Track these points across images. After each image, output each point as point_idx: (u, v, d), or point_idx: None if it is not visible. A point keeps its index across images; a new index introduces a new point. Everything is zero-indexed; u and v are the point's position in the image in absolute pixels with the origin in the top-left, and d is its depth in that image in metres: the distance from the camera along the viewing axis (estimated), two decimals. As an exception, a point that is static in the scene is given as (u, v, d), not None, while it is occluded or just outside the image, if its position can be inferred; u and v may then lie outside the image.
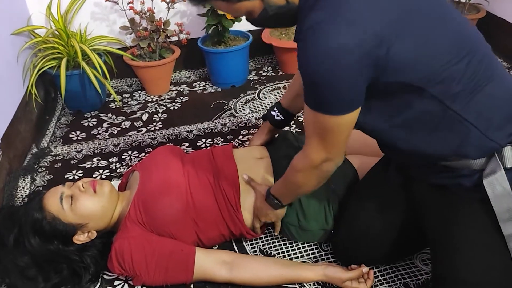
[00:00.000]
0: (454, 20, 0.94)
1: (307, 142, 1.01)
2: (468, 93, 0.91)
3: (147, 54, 2.18)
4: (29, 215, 1.19)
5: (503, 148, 0.93)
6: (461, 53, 0.90)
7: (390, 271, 1.26)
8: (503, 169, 0.93)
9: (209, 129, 1.98)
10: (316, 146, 0.98)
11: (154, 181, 1.27)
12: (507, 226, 0.95)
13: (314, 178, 1.08)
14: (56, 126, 2.08)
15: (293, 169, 1.09)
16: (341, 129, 0.94)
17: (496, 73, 0.95)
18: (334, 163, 1.02)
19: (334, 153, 0.99)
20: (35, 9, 2.13)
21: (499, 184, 0.93)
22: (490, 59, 0.95)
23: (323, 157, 0.99)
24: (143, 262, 1.17)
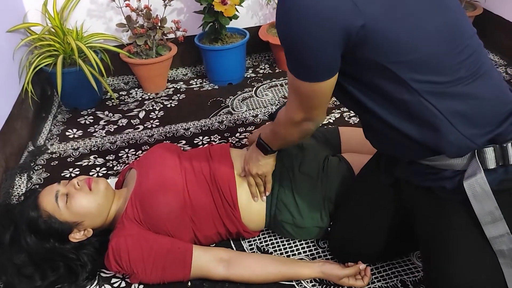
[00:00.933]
0: (450, 10, 0.93)
1: (288, 100, 1.04)
2: (448, 87, 0.90)
3: (144, 51, 2.17)
4: (25, 213, 1.19)
5: (484, 149, 0.93)
6: (449, 46, 0.89)
7: (387, 268, 1.26)
8: (483, 171, 0.92)
9: (206, 127, 1.97)
10: (296, 107, 1.02)
11: (151, 179, 1.27)
12: (490, 229, 0.94)
13: (295, 133, 1.12)
14: (53, 124, 2.07)
15: (277, 122, 1.14)
16: (318, 95, 0.96)
17: (482, 72, 0.93)
18: (314, 122, 1.06)
19: (313, 114, 1.02)
20: (31, 6, 2.12)
21: (479, 187, 0.92)
22: (479, 56, 0.94)
23: (303, 117, 1.03)
24: (140, 259, 1.17)
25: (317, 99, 0.97)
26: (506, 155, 0.93)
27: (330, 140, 1.48)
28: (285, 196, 1.29)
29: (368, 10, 0.83)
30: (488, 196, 0.92)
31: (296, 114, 1.03)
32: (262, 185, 1.29)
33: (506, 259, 0.94)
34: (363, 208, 1.21)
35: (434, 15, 0.90)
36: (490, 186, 0.92)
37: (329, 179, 1.30)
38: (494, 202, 0.92)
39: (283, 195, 1.29)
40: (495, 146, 0.93)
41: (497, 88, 0.96)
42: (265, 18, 2.48)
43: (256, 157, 1.26)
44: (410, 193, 1.10)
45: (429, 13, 0.89)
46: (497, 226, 0.93)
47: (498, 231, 0.94)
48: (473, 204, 0.94)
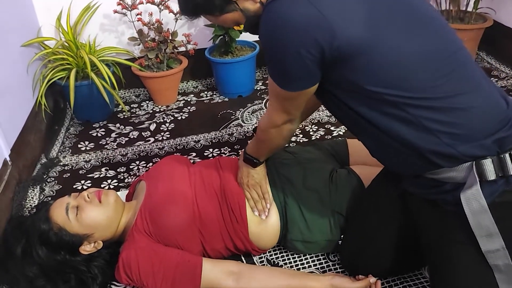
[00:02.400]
0: (432, 28, 0.94)
1: (269, 103, 1.09)
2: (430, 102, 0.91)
3: (155, 64, 2.20)
4: (36, 226, 1.20)
5: (482, 161, 0.92)
6: (431, 65, 0.90)
7: (398, 282, 1.25)
8: (478, 184, 0.91)
9: (216, 139, 1.98)
10: (277, 109, 1.06)
11: (161, 191, 1.28)
12: (485, 242, 0.93)
13: (279, 136, 1.16)
14: (65, 136, 2.10)
15: (259, 129, 1.18)
16: (295, 100, 1.01)
17: (472, 88, 0.93)
18: (295, 122, 1.12)
19: (292, 114, 1.07)
20: (45, 21, 2.17)
21: (474, 199, 0.91)
22: (465, 70, 0.94)
23: (284, 119, 1.08)
24: (150, 272, 1.17)
25: (293, 103, 1.02)
26: (505, 166, 0.92)
27: (338, 153, 1.47)
28: (291, 213, 1.28)
29: (344, 33, 0.86)
30: (484, 209, 0.91)
31: (277, 117, 1.07)
32: (260, 200, 1.29)
33: (502, 274, 0.93)
34: (373, 221, 1.20)
35: (415, 36, 0.92)
36: (491, 197, 0.91)
37: (338, 191, 1.30)
38: (489, 215, 0.91)
39: (290, 213, 1.29)
40: (493, 157, 0.92)
41: (487, 99, 0.95)
42: (275, 31, 2.49)
43: (246, 171, 1.29)
44: (416, 205, 1.09)
45: (410, 35, 0.91)
46: (493, 240, 0.92)
47: (493, 245, 0.92)
48: (468, 217, 0.92)
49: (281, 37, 0.88)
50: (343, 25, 0.86)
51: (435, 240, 1.03)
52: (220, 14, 0.99)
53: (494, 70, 2.44)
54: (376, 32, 0.88)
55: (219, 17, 1.01)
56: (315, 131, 1.97)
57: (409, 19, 0.92)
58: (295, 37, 0.87)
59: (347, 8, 0.87)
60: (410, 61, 0.90)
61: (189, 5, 1.01)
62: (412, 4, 0.95)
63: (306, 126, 2.01)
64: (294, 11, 0.86)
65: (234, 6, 0.98)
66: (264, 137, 1.18)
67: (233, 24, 1.04)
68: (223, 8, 0.98)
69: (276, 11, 0.88)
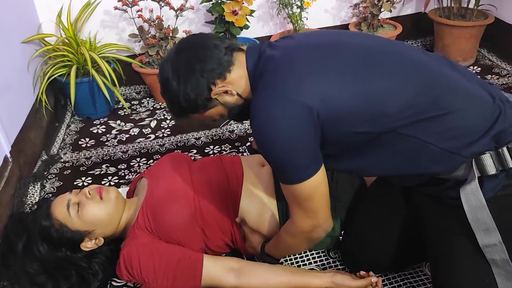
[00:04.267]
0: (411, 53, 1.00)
1: (291, 211, 1.07)
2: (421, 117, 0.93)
3: (156, 61, 2.20)
4: (37, 222, 1.20)
5: (481, 156, 0.94)
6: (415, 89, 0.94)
7: (398, 279, 1.25)
8: (476, 180, 0.93)
9: (217, 136, 1.98)
10: (300, 215, 1.05)
11: (162, 188, 1.28)
12: (482, 237, 0.95)
13: (304, 242, 1.14)
14: (66, 133, 2.10)
15: (285, 232, 1.15)
16: (314, 193, 1.00)
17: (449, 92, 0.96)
18: (322, 229, 1.08)
19: (319, 218, 1.04)
20: (45, 18, 2.16)
21: (473, 195, 0.94)
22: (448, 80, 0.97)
23: (310, 224, 1.05)
24: (151, 269, 1.17)
25: (315, 199, 1.01)
26: (504, 159, 0.94)
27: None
28: None
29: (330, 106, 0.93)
30: (481, 204, 0.93)
31: (302, 223, 1.05)
32: None
33: (499, 268, 0.95)
34: (376, 217, 1.21)
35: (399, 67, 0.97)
36: (493, 191, 0.94)
37: (339, 187, 1.30)
38: (487, 210, 0.93)
39: None
40: (491, 152, 0.94)
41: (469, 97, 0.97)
42: (275, 28, 2.50)
43: None
44: (420, 200, 1.11)
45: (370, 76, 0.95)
46: (490, 235, 0.94)
47: (490, 240, 0.94)
48: (466, 211, 0.95)
49: (281, 142, 0.94)
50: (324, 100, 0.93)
51: (437, 234, 1.05)
52: (204, 111, 1.06)
53: (495, 67, 2.43)
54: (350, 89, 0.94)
55: (204, 113, 1.07)
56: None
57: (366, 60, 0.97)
58: (294, 136, 0.93)
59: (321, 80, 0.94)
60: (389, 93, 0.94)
61: (176, 110, 1.08)
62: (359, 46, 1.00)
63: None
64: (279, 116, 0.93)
65: (215, 102, 1.04)
66: (287, 240, 1.15)
67: (218, 116, 1.10)
68: (206, 106, 1.05)
69: (266, 121, 0.94)
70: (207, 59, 1.00)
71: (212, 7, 2.13)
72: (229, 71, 1.02)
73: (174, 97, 1.04)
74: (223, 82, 1.02)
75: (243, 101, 1.05)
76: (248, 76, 1.03)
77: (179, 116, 1.11)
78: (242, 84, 1.04)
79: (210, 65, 1.00)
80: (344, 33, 1.11)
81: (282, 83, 0.95)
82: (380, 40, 1.08)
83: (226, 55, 1.02)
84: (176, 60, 1.03)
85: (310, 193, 1.00)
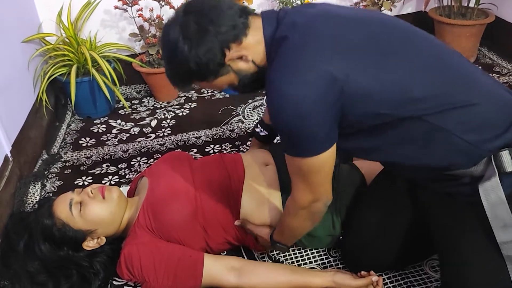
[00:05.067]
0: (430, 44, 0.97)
1: (293, 186, 1.03)
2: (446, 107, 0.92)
3: (156, 60, 2.19)
4: (39, 221, 1.20)
5: (500, 153, 0.93)
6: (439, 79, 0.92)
7: (399, 278, 1.25)
8: (497, 175, 0.92)
9: (218, 135, 1.98)
10: (302, 189, 1.01)
11: (163, 187, 1.28)
12: (500, 233, 0.94)
13: (306, 220, 1.10)
14: (66, 133, 2.10)
15: (285, 213, 1.13)
16: (320, 168, 0.97)
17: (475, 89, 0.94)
18: (323, 202, 1.05)
19: (320, 193, 1.02)
20: (45, 17, 2.16)
21: (493, 191, 0.93)
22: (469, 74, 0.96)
23: (310, 199, 1.02)
24: (151, 268, 1.17)
25: (320, 174, 0.98)
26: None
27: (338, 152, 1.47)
28: None
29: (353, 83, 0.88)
30: (501, 200, 0.92)
31: (303, 197, 1.02)
32: None
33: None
34: (378, 216, 1.20)
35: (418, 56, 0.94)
36: (510, 188, 0.92)
37: (340, 186, 1.30)
38: (506, 207, 0.92)
39: None
40: (510, 149, 0.93)
41: (496, 94, 0.96)
42: (276, 27, 2.49)
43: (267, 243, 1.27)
44: (428, 198, 1.10)
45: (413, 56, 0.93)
46: (508, 231, 0.93)
47: (508, 236, 0.94)
48: (485, 208, 0.94)
49: (298, 113, 0.88)
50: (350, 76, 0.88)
51: (447, 231, 1.04)
52: (214, 78, 0.98)
53: (496, 66, 2.43)
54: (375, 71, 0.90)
55: (213, 82, 1.00)
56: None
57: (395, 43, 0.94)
58: (313, 109, 0.88)
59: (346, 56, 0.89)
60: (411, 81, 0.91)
61: (181, 77, 1.01)
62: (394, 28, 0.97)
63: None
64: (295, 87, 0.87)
65: (227, 69, 0.97)
66: (291, 221, 1.12)
67: (227, 86, 1.02)
68: (217, 72, 0.97)
69: (285, 89, 0.88)
70: (220, 20, 0.92)
71: (213, 6, 2.12)
72: (245, 35, 0.94)
73: (183, 62, 0.95)
74: (239, 47, 0.95)
75: (257, 69, 0.98)
76: (265, 42, 0.96)
77: (182, 84, 1.03)
78: (258, 50, 0.96)
79: (225, 27, 0.92)
80: (365, 11, 1.07)
81: (306, 51, 0.89)
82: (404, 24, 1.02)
83: (242, 17, 0.94)
84: (185, 21, 0.93)
85: (319, 167, 0.96)
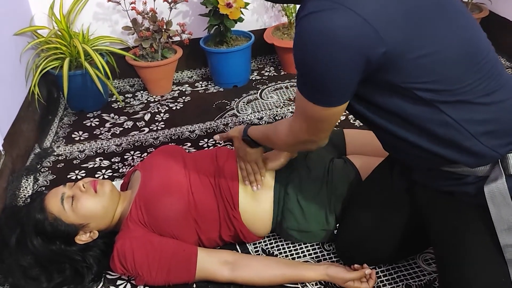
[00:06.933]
0: (467, 28, 0.92)
1: (294, 119, 1.01)
2: (468, 100, 0.90)
3: (149, 54, 2.18)
4: (31, 216, 1.20)
5: (507, 155, 0.92)
6: (468, 64, 0.89)
7: (392, 272, 1.26)
8: (504, 177, 0.91)
9: (212, 129, 1.98)
10: (303, 128, 1.00)
11: (156, 181, 1.27)
12: (504, 236, 0.93)
13: (294, 149, 1.13)
14: (59, 126, 2.08)
15: (277, 134, 1.11)
16: (328, 119, 0.96)
17: (501, 83, 0.93)
18: (317, 145, 1.05)
19: (319, 137, 1.02)
20: (37, 10, 2.14)
21: (498, 192, 0.91)
22: (496, 69, 0.93)
23: (308, 139, 1.02)
24: (145, 262, 1.17)
25: (325, 123, 0.97)
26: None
27: (335, 142, 1.47)
28: (289, 202, 1.28)
29: (390, 37, 0.82)
30: (507, 202, 0.91)
31: (301, 135, 1.01)
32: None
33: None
34: (374, 212, 1.20)
35: (452, 36, 0.89)
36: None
37: (334, 181, 1.30)
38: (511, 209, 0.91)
39: (288, 201, 1.29)
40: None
41: None
42: (270, 20, 2.48)
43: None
44: (427, 196, 1.08)
45: (448, 35, 0.89)
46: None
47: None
48: (490, 209, 0.93)
49: (323, 54, 0.82)
50: (388, 30, 0.82)
51: (448, 232, 1.03)
52: None
53: (489, 60, 2.44)
54: (417, 31, 0.85)
55: None
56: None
57: (443, 15, 0.90)
58: (340, 53, 0.82)
59: (388, 11, 0.83)
60: (449, 56, 0.88)
61: None
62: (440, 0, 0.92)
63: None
64: (335, 24, 0.80)
65: None
66: (277, 142, 1.12)
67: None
68: None
69: (315, 26, 0.82)
70: None
71: (206, 0, 2.11)
72: None
73: None
74: None
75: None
76: None
77: None
78: None
79: None
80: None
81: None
82: None
83: None
84: None
85: (327, 118, 0.94)
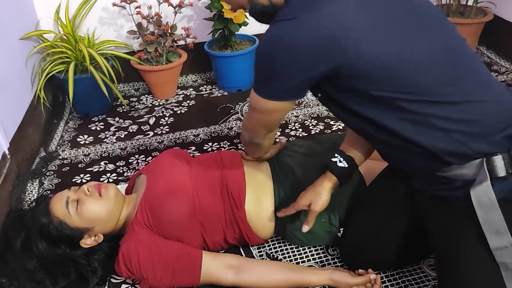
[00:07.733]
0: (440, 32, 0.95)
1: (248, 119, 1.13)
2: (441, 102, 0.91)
3: (154, 58, 2.19)
4: (36, 220, 1.20)
5: (492, 157, 0.92)
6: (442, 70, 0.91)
7: (397, 277, 1.25)
8: (489, 180, 0.91)
9: (216, 133, 1.98)
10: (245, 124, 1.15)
11: (161, 184, 1.28)
12: (493, 239, 0.92)
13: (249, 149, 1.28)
14: (64, 130, 2.09)
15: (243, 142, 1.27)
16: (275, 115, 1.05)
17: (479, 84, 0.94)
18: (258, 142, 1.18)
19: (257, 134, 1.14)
20: (43, 14, 2.15)
21: (484, 195, 0.91)
22: (473, 70, 0.95)
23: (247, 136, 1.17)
24: (150, 265, 1.17)
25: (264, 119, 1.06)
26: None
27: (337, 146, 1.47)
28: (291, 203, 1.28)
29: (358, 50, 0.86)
30: (493, 205, 0.91)
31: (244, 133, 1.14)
32: None
33: (509, 272, 0.92)
34: (378, 216, 1.20)
35: (423, 39, 0.92)
36: (502, 194, 0.91)
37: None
38: (499, 212, 0.91)
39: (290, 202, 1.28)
40: (503, 154, 0.92)
41: (494, 95, 0.95)
42: (274, 24, 2.49)
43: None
44: (424, 202, 1.09)
45: (417, 38, 0.91)
46: (501, 237, 0.92)
47: (501, 242, 0.92)
48: (477, 213, 0.92)
49: (286, 60, 0.90)
50: (355, 42, 0.85)
51: (443, 236, 1.03)
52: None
53: (494, 64, 2.43)
54: (385, 41, 0.88)
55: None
56: (314, 126, 1.97)
57: (413, 22, 0.92)
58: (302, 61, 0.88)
59: (355, 21, 0.86)
60: (419, 64, 0.90)
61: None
62: (413, 5, 0.94)
63: (305, 120, 2.01)
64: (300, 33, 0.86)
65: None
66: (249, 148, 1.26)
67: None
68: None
69: (283, 33, 0.88)
70: None
71: (211, 4, 2.12)
72: None
73: None
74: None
75: (269, 4, 1.00)
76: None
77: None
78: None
79: None
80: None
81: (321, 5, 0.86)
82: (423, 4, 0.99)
83: None
84: None
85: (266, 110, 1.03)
